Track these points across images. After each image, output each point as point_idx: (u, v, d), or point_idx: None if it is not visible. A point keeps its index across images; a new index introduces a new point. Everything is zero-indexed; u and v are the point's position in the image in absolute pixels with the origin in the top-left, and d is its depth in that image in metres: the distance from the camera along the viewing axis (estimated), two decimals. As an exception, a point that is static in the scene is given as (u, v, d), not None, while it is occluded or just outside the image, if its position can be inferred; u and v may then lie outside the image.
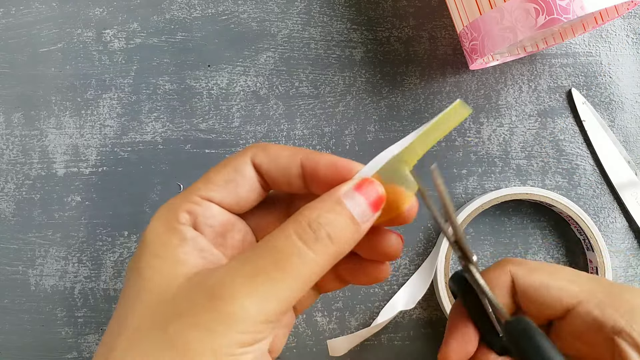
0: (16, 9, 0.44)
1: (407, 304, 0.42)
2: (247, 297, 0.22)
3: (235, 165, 0.27)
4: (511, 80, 0.44)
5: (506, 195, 0.41)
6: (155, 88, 0.44)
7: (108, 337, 0.24)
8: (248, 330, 0.22)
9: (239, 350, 0.22)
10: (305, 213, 0.24)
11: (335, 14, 0.44)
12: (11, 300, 0.43)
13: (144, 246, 0.25)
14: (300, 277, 0.23)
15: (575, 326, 0.29)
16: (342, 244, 0.24)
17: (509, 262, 0.30)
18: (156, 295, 0.24)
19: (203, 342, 0.22)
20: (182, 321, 0.22)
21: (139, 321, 0.23)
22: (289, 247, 0.23)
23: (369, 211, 0.25)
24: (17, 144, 0.44)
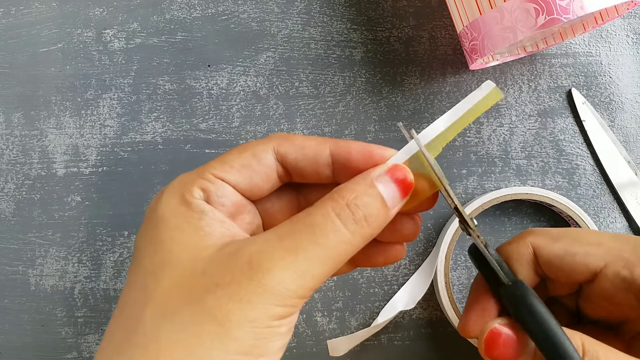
0: (16, 9, 0.44)
1: (407, 304, 0.42)
2: (286, 272, 0.23)
3: (255, 151, 0.26)
4: (511, 80, 0.44)
5: (506, 195, 0.41)
6: (155, 88, 0.44)
7: (131, 306, 0.24)
8: (285, 303, 0.23)
9: (275, 322, 0.23)
10: (342, 193, 0.25)
11: (335, 14, 0.44)
12: (11, 300, 0.43)
13: (160, 220, 0.25)
14: (336, 255, 0.24)
15: (605, 288, 0.29)
16: (375, 226, 0.25)
17: (530, 234, 0.30)
18: (185, 267, 0.23)
19: (242, 313, 0.22)
20: (220, 292, 0.22)
21: (168, 292, 0.23)
22: (328, 225, 0.24)
23: (398, 196, 0.26)
24: (17, 144, 0.44)
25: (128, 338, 0.23)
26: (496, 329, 0.27)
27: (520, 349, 0.26)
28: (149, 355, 0.22)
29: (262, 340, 0.23)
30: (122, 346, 0.23)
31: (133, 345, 0.22)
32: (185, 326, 0.22)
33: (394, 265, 0.43)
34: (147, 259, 0.25)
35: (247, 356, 0.22)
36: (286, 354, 0.43)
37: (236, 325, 0.22)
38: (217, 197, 0.26)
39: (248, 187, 0.27)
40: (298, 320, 0.43)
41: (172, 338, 0.22)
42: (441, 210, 0.44)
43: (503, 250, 0.31)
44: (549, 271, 0.30)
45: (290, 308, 0.23)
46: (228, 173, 0.26)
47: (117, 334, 0.24)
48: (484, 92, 0.27)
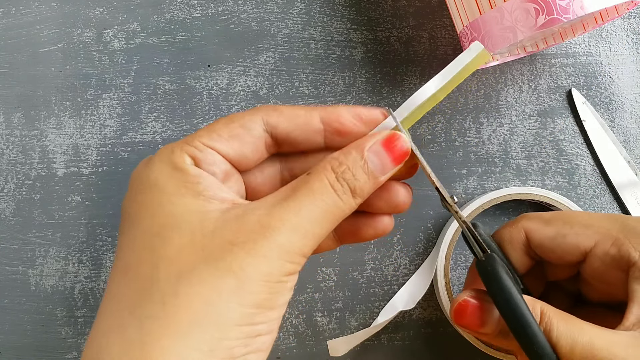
0: (16, 9, 0.44)
1: (407, 304, 0.42)
2: (294, 231, 0.24)
3: (243, 122, 0.27)
4: (511, 80, 0.44)
5: (506, 195, 0.41)
6: (155, 88, 0.44)
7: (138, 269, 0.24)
8: (293, 260, 0.24)
9: (285, 277, 0.24)
10: (333, 165, 0.26)
11: (335, 14, 0.44)
12: (11, 300, 0.43)
13: (154, 184, 0.25)
14: (332, 218, 0.26)
15: (596, 267, 0.30)
16: (362, 197, 0.27)
17: (523, 218, 0.32)
18: (193, 228, 0.24)
19: (258, 268, 0.23)
20: (237, 249, 0.23)
21: (180, 252, 0.24)
22: (325, 191, 0.25)
23: (390, 165, 0.27)
24: (17, 144, 0.44)
25: (142, 296, 0.23)
26: (465, 300, 0.29)
27: (484, 317, 0.28)
28: (167, 309, 0.23)
29: (274, 295, 0.24)
30: (137, 304, 0.23)
31: (150, 302, 0.23)
32: (204, 281, 0.23)
33: (394, 265, 0.43)
34: (147, 222, 0.25)
35: (260, 309, 0.24)
36: (286, 354, 0.43)
37: (253, 279, 0.23)
38: (206, 165, 0.26)
39: (236, 157, 0.27)
40: (298, 320, 0.43)
41: (191, 292, 0.23)
42: (441, 210, 0.44)
43: (497, 235, 0.32)
44: (541, 253, 0.31)
45: (297, 265, 0.25)
46: (217, 142, 0.26)
47: (127, 295, 0.24)
48: (473, 53, 0.28)
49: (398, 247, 0.44)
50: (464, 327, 0.29)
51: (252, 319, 0.24)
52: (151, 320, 0.22)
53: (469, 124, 0.44)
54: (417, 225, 0.44)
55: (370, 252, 0.43)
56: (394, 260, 0.43)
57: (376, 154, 0.27)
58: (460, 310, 0.29)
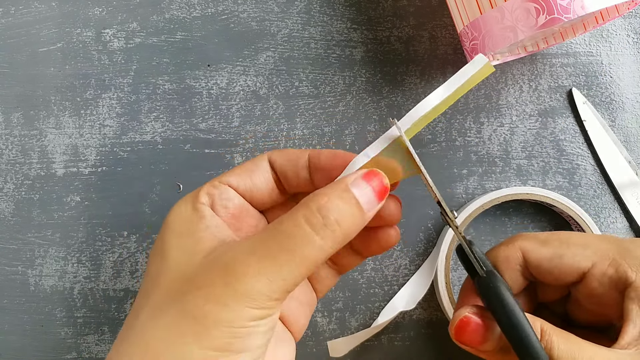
0: (15, 9, 0.44)
1: (408, 305, 0.42)
2: (257, 278, 0.24)
3: (254, 160, 0.30)
4: (512, 80, 0.44)
5: (507, 195, 0.41)
6: (155, 88, 0.44)
7: (134, 311, 0.27)
8: (258, 306, 0.24)
9: (251, 323, 0.24)
10: (314, 198, 0.26)
11: (335, 13, 0.44)
12: (10, 301, 0.43)
13: (167, 226, 0.28)
14: (305, 260, 0.25)
15: (592, 288, 0.30)
16: (348, 230, 0.26)
17: (519, 238, 0.32)
18: (178, 272, 0.26)
19: (218, 315, 0.24)
20: (199, 294, 0.24)
21: (162, 295, 0.26)
22: (297, 232, 0.25)
23: (374, 200, 0.27)
24: (16, 143, 0.44)
25: (126, 336, 0.26)
26: (466, 317, 0.29)
27: (486, 334, 0.28)
28: (139, 350, 0.24)
29: (239, 339, 0.24)
30: (121, 343, 0.26)
31: (128, 343, 0.25)
32: (169, 325, 0.24)
33: (394, 266, 0.43)
34: (152, 267, 0.27)
35: (226, 352, 0.24)
36: (286, 355, 0.43)
37: (212, 325, 0.24)
38: (220, 200, 0.28)
39: (248, 189, 0.29)
40: (298, 320, 0.43)
41: (157, 335, 0.24)
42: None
43: (492, 253, 0.32)
44: (538, 274, 0.31)
45: (265, 310, 0.25)
46: (230, 177, 0.29)
47: (121, 334, 0.26)
48: (477, 66, 0.28)
49: (398, 247, 0.43)
50: (464, 344, 0.29)
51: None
52: (128, 358, 0.25)
53: (470, 123, 0.44)
54: (417, 225, 0.44)
55: (370, 252, 0.43)
56: (394, 260, 0.43)
57: (359, 189, 0.26)
58: (462, 327, 0.28)
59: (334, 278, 0.32)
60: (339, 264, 0.32)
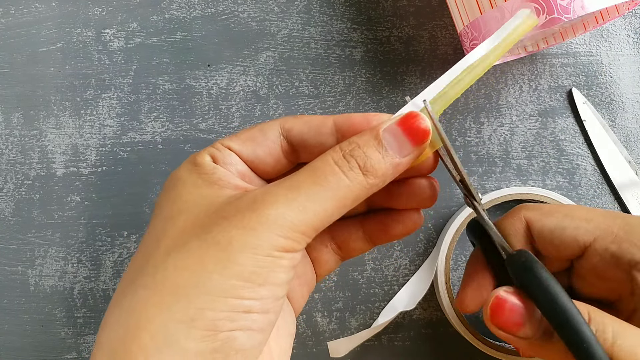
0: (15, 9, 0.44)
1: (408, 305, 0.42)
2: (287, 205, 0.24)
3: (261, 127, 0.28)
4: (512, 80, 0.44)
5: (507, 195, 0.41)
6: (155, 88, 0.44)
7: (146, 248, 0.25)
8: (286, 235, 0.24)
9: (276, 253, 0.24)
10: (343, 144, 0.25)
11: (335, 13, 0.44)
12: (10, 301, 0.43)
13: (177, 180, 0.27)
14: (335, 196, 0.24)
15: (594, 263, 0.29)
16: (375, 176, 0.25)
17: (523, 208, 0.31)
18: (200, 210, 0.25)
19: (244, 239, 0.23)
20: (226, 223, 0.24)
21: (182, 230, 0.24)
22: (327, 168, 0.25)
23: (409, 146, 0.26)
24: (16, 143, 0.44)
25: (141, 269, 0.24)
26: (502, 295, 0.26)
27: (526, 316, 0.26)
28: (155, 281, 0.23)
29: (263, 269, 0.23)
30: (135, 276, 0.24)
31: (144, 274, 0.24)
32: (191, 253, 0.23)
33: (394, 266, 0.43)
34: (165, 209, 0.26)
35: (248, 282, 0.23)
36: (286, 355, 0.43)
37: (238, 250, 0.23)
38: (224, 164, 0.27)
39: (251, 157, 0.28)
40: (298, 320, 0.43)
41: (178, 264, 0.23)
42: (441, 210, 0.44)
43: (499, 226, 0.31)
44: (540, 245, 0.30)
45: (292, 241, 0.24)
46: (233, 142, 0.28)
47: (130, 271, 0.25)
48: (520, 18, 0.28)
49: (398, 247, 0.43)
50: (501, 328, 0.26)
51: (237, 292, 0.23)
52: (143, 289, 0.23)
53: (470, 123, 0.44)
54: (417, 226, 0.44)
55: (370, 252, 0.43)
56: (394, 260, 0.43)
57: (392, 134, 0.26)
58: (498, 307, 0.26)
59: (335, 264, 0.32)
60: (344, 249, 0.31)
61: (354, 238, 0.31)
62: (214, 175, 0.26)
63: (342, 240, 0.31)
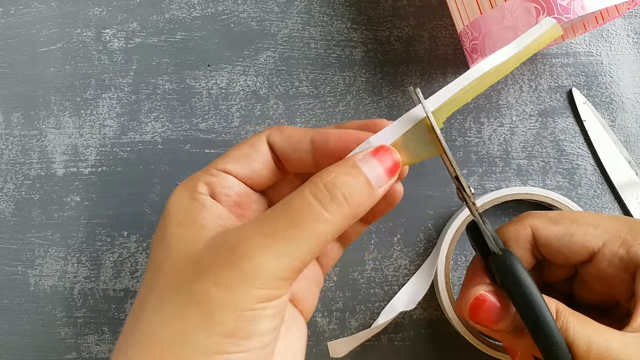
0: (15, 9, 0.44)
1: (408, 305, 0.42)
2: (263, 255, 0.23)
3: (251, 142, 0.28)
4: (512, 80, 0.44)
5: (507, 195, 0.41)
6: (155, 88, 0.44)
7: (138, 301, 0.26)
8: (265, 286, 0.23)
9: (258, 305, 0.23)
10: (322, 175, 0.25)
11: (336, 13, 0.44)
12: (10, 301, 0.43)
13: (167, 216, 0.26)
14: (314, 235, 0.24)
15: (602, 268, 0.29)
16: (356, 205, 0.25)
17: (529, 216, 0.31)
18: (181, 259, 0.25)
19: (223, 297, 0.23)
20: (204, 278, 0.23)
21: (166, 282, 0.25)
22: (305, 206, 0.24)
23: (384, 176, 0.26)
24: (16, 143, 0.44)
25: (133, 327, 0.25)
26: (482, 295, 0.28)
27: (501, 313, 0.28)
28: (146, 340, 0.24)
29: (245, 323, 0.23)
30: (128, 335, 0.25)
31: (136, 333, 0.24)
32: (175, 311, 0.24)
33: (394, 266, 0.43)
34: (155, 255, 0.26)
35: (232, 338, 0.23)
36: (286, 355, 0.43)
37: (218, 309, 0.23)
38: (221, 189, 0.27)
39: (248, 174, 0.28)
40: (298, 320, 0.43)
41: (163, 324, 0.24)
42: (441, 210, 0.44)
43: (501, 231, 0.31)
44: (547, 253, 0.30)
45: (273, 290, 0.23)
46: (228, 164, 0.28)
47: (127, 323, 0.26)
48: (544, 28, 0.27)
49: (398, 247, 0.43)
50: (478, 323, 0.28)
51: (222, 348, 0.23)
52: (135, 348, 0.24)
53: (470, 123, 0.44)
54: (417, 226, 0.44)
55: (370, 252, 0.43)
56: (394, 260, 0.43)
57: (368, 164, 0.26)
58: (477, 305, 0.28)
59: (338, 251, 0.31)
60: (342, 235, 0.31)
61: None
62: (199, 214, 0.26)
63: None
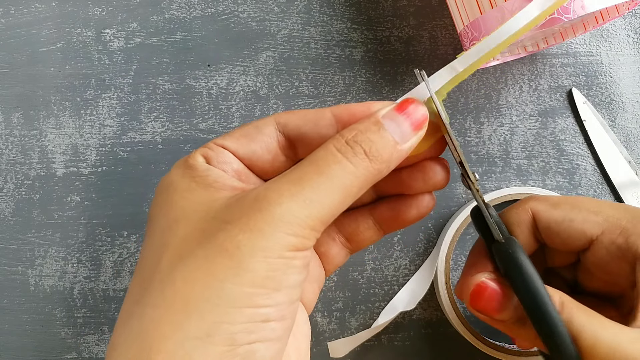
0: (15, 9, 0.44)
1: (408, 305, 0.42)
2: (293, 200, 0.23)
3: (255, 123, 0.27)
4: (512, 80, 0.44)
5: (507, 195, 0.41)
6: (155, 88, 0.44)
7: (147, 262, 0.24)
8: (295, 232, 0.22)
9: (288, 253, 0.22)
10: (344, 132, 0.25)
11: (335, 13, 0.44)
12: (10, 301, 0.43)
13: (169, 185, 0.25)
14: (341, 185, 0.24)
15: (600, 256, 0.29)
16: (380, 161, 0.25)
17: (530, 200, 0.30)
18: (199, 216, 0.24)
19: (253, 243, 0.22)
20: (231, 227, 0.22)
21: (184, 239, 0.23)
22: (329, 157, 0.24)
23: (410, 131, 0.25)
24: (16, 143, 0.44)
25: (146, 286, 0.23)
26: (483, 282, 0.27)
27: (503, 302, 0.27)
28: (165, 297, 0.22)
29: (276, 272, 0.22)
30: (141, 295, 0.23)
31: (151, 291, 0.22)
32: (199, 264, 0.22)
33: (394, 266, 0.43)
34: (162, 219, 0.25)
35: (262, 289, 0.22)
36: (286, 355, 0.43)
37: (248, 256, 0.22)
38: (218, 163, 0.26)
39: (246, 155, 0.27)
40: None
41: (187, 277, 0.22)
42: (441, 210, 0.44)
43: (504, 215, 0.31)
44: (546, 237, 0.30)
45: (302, 239, 0.23)
46: (227, 140, 0.26)
47: (135, 288, 0.24)
48: None
49: (398, 247, 0.43)
50: (479, 311, 0.27)
51: (253, 301, 0.22)
52: (152, 308, 0.22)
53: (470, 123, 0.44)
54: (417, 225, 0.44)
55: (370, 252, 0.43)
56: (394, 260, 0.43)
57: (392, 120, 0.25)
58: (478, 293, 0.27)
59: (345, 257, 0.31)
60: (353, 241, 0.30)
61: (364, 228, 0.30)
62: (208, 177, 0.25)
63: (350, 231, 0.30)
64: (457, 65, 0.27)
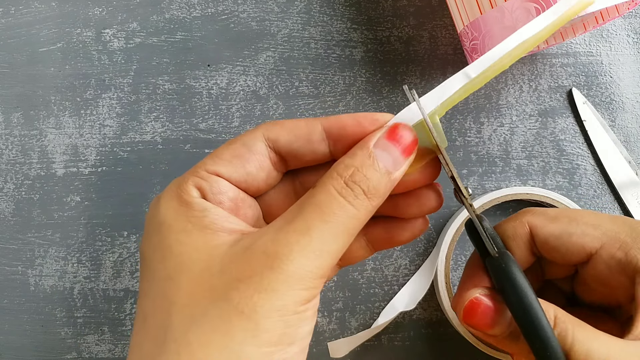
0: (15, 9, 0.44)
1: (408, 305, 0.42)
2: (303, 255, 0.23)
3: (244, 140, 0.26)
4: (512, 80, 0.44)
5: (507, 195, 0.41)
6: (155, 88, 0.44)
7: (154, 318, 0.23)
8: (308, 286, 0.23)
9: (301, 307, 0.23)
10: (340, 170, 0.25)
11: (335, 13, 0.44)
12: (10, 301, 0.43)
13: (162, 224, 0.25)
14: (346, 229, 0.24)
15: (599, 270, 0.29)
16: (378, 197, 0.25)
17: (527, 213, 0.30)
18: (201, 267, 0.23)
19: (269, 303, 0.22)
20: (244, 286, 0.22)
21: (191, 295, 0.23)
22: (333, 202, 0.24)
23: (401, 158, 0.26)
24: (16, 143, 0.44)
25: (159, 347, 0.23)
26: (477, 298, 0.27)
27: (496, 318, 0.27)
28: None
29: (291, 328, 0.23)
30: (156, 354, 0.23)
31: (165, 353, 0.22)
32: (215, 326, 0.22)
33: (394, 266, 0.43)
34: (159, 266, 0.24)
35: (279, 346, 0.22)
36: (286, 355, 0.43)
37: (264, 317, 0.22)
38: (213, 195, 0.25)
39: (243, 178, 0.26)
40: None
41: (203, 340, 0.22)
42: (442, 210, 0.44)
43: (500, 228, 0.31)
44: (544, 251, 0.30)
45: (313, 290, 0.23)
46: (220, 166, 0.26)
47: (146, 345, 0.23)
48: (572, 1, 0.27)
49: (398, 247, 0.43)
50: (473, 327, 0.28)
51: (270, 358, 0.22)
52: None
53: (470, 123, 0.44)
54: (417, 226, 0.44)
55: (370, 252, 0.43)
56: (394, 260, 0.43)
57: (384, 150, 0.25)
58: (471, 309, 0.27)
59: (334, 272, 0.31)
60: (343, 258, 0.30)
61: (355, 248, 0.30)
62: (204, 218, 0.24)
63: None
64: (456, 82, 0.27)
